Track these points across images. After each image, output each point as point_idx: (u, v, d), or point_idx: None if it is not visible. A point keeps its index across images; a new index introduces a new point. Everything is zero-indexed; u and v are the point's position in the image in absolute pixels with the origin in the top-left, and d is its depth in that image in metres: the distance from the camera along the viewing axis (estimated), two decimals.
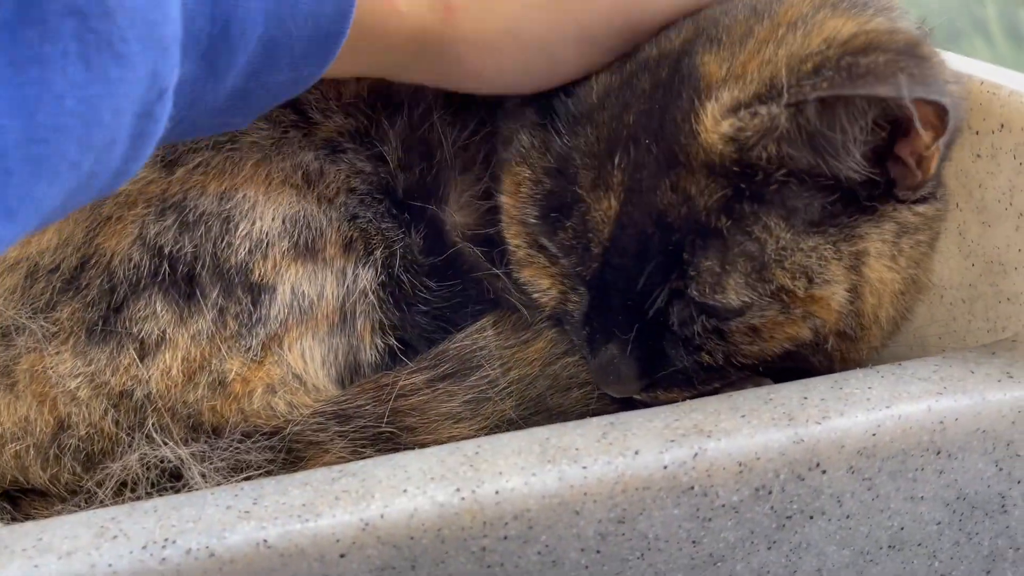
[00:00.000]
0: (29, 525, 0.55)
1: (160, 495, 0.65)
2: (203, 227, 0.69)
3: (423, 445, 0.68)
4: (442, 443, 0.65)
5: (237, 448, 0.68)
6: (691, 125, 0.63)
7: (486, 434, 0.70)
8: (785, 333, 0.66)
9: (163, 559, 0.53)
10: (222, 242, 0.70)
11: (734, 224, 0.62)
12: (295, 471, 0.65)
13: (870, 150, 0.62)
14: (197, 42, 0.53)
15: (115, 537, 0.54)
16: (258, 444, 0.68)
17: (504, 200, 0.74)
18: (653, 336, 0.67)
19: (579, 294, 0.70)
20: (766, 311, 0.64)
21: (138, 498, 0.66)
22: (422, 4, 0.66)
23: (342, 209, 0.74)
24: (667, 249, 0.64)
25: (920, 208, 0.67)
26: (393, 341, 0.75)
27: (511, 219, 0.73)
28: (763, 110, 0.61)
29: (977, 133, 0.75)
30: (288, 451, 0.69)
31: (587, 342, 0.70)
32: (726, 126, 0.62)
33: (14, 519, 0.69)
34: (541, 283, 0.73)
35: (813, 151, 0.61)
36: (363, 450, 0.70)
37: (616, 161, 0.65)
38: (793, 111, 0.60)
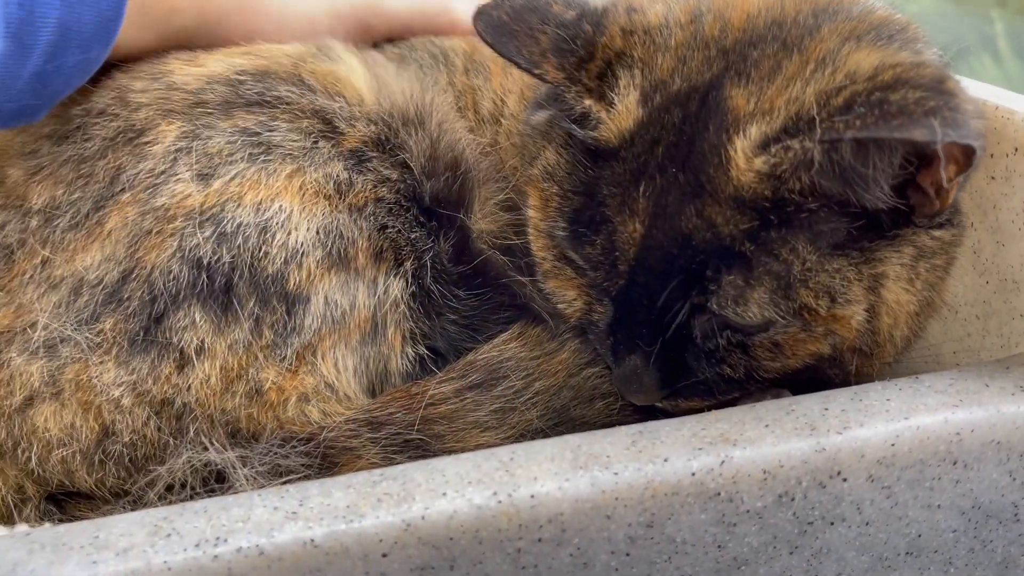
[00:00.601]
0: (85, 523, 0.58)
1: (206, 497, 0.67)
2: (241, 237, 0.72)
3: (452, 453, 0.70)
4: (470, 451, 0.67)
5: (276, 453, 0.70)
6: (720, 159, 0.65)
7: (512, 443, 0.73)
8: (807, 349, 0.68)
9: (215, 556, 0.55)
10: (260, 252, 0.72)
11: (759, 248, 0.64)
12: (330, 476, 0.67)
13: (897, 182, 0.64)
14: (9, 23, 0.66)
15: (169, 535, 0.56)
16: (295, 450, 0.71)
17: (531, 214, 0.75)
18: (676, 348, 0.69)
19: (604, 305, 0.72)
20: (789, 328, 0.66)
21: (182, 501, 0.69)
22: None
23: (371, 219, 0.76)
24: (691, 268, 0.66)
25: (937, 233, 0.69)
26: (423, 350, 0.78)
27: (538, 232, 0.75)
28: (795, 144, 0.62)
29: (992, 156, 0.77)
30: (323, 457, 0.71)
31: (611, 352, 0.72)
32: (759, 163, 0.64)
33: (61, 520, 0.71)
34: (567, 294, 0.75)
35: (844, 183, 0.63)
36: (394, 456, 0.72)
37: (641, 189, 0.67)
38: (827, 147, 0.61)
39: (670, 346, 0.69)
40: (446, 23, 0.97)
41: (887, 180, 0.63)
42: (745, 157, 0.64)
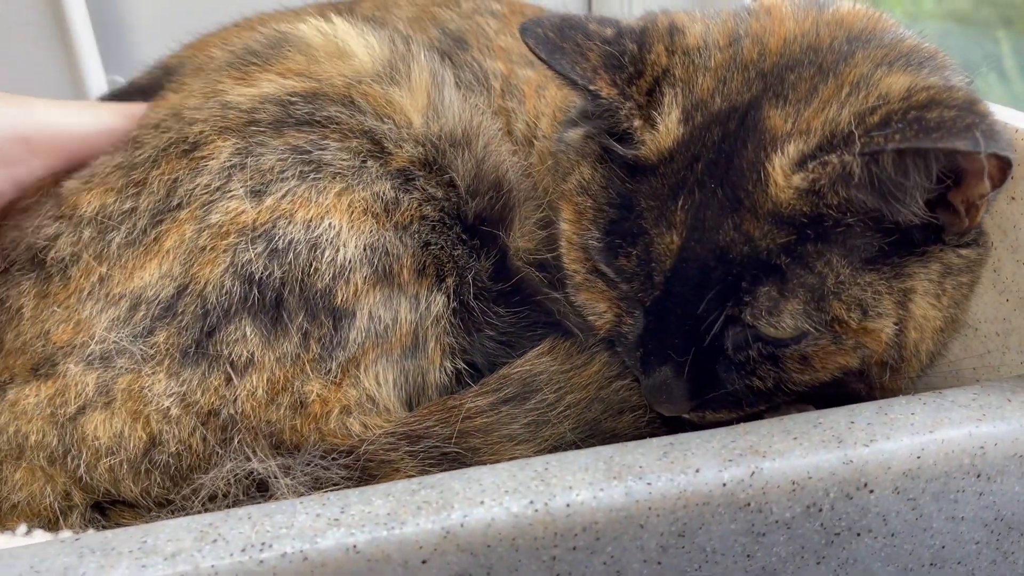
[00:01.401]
0: (133, 529, 0.60)
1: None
2: (292, 253, 0.73)
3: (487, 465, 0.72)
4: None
5: (318, 464, 0.72)
6: (758, 176, 0.67)
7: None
8: (836, 362, 0.70)
9: (261, 561, 0.57)
10: (310, 268, 0.74)
11: (794, 261, 0.66)
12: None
13: (931, 197, 0.66)
14: None
15: (215, 541, 0.58)
16: (336, 462, 0.72)
17: (564, 227, 0.77)
18: (706, 360, 0.71)
19: (634, 317, 0.74)
20: (819, 340, 0.68)
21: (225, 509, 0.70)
22: None
23: (416, 236, 0.78)
24: (726, 279, 0.67)
25: (964, 251, 0.71)
26: (461, 364, 0.80)
27: (571, 245, 0.77)
28: (833, 158, 0.64)
29: (1012, 177, 0.79)
30: (363, 469, 0.73)
31: (641, 363, 0.74)
32: (797, 180, 0.65)
33: (105, 528, 0.73)
34: (598, 306, 0.76)
35: (881, 197, 0.65)
36: (431, 469, 0.73)
37: (680, 203, 0.69)
38: (867, 159, 0.63)
39: (701, 357, 0.70)
40: None
41: (923, 194, 0.65)
42: (784, 174, 0.66)
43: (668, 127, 0.71)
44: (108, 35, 1.71)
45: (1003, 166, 0.63)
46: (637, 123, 0.72)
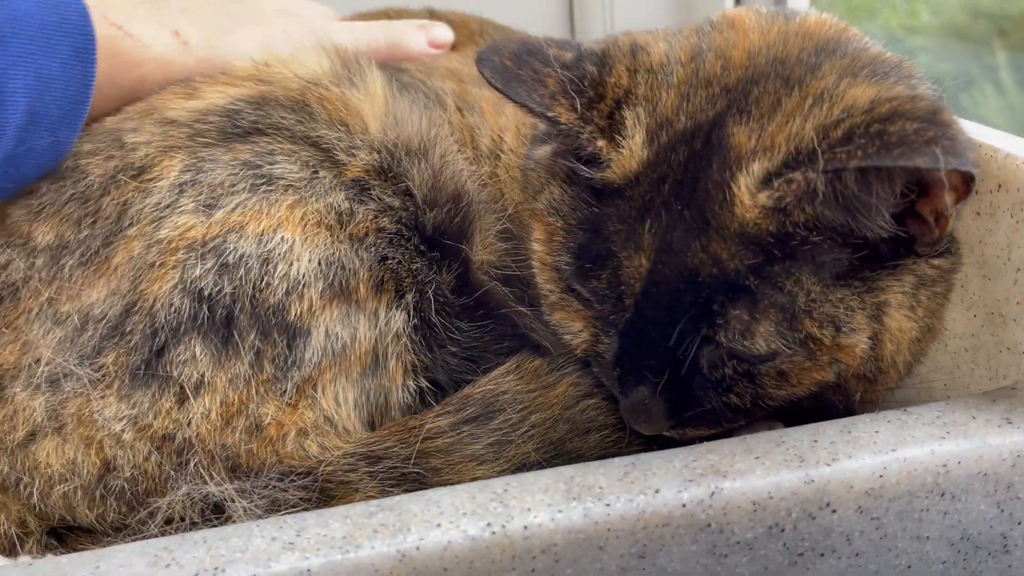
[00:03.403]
0: (86, 554, 0.59)
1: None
2: (243, 268, 0.72)
3: (448, 486, 0.71)
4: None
5: (275, 487, 0.70)
6: (724, 196, 0.66)
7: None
8: (812, 378, 0.69)
9: None
10: (261, 283, 0.72)
11: (764, 282, 0.65)
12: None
13: (897, 210, 0.66)
14: None
15: (168, 565, 0.57)
16: (294, 484, 0.71)
17: (536, 247, 0.76)
18: (683, 378, 0.69)
19: (611, 337, 0.72)
20: (794, 357, 0.67)
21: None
22: (160, 35, 0.87)
23: (372, 249, 0.76)
24: (697, 302, 0.67)
25: (937, 261, 0.70)
26: (424, 382, 0.78)
27: (544, 265, 0.75)
28: (798, 176, 0.63)
29: (977, 192, 0.78)
30: (321, 491, 0.72)
31: (618, 383, 0.73)
32: (763, 198, 0.65)
33: (62, 554, 0.71)
34: (573, 326, 0.75)
35: (847, 212, 0.64)
36: (391, 490, 0.72)
37: (647, 225, 0.68)
38: (831, 177, 0.63)
39: (677, 377, 0.69)
40: (400, 57, 0.99)
41: (888, 208, 0.65)
42: (749, 194, 0.65)
43: (632, 149, 0.70)
44: None
45: (966, 179, 0.63)
46: (600, 144, 0.71)
